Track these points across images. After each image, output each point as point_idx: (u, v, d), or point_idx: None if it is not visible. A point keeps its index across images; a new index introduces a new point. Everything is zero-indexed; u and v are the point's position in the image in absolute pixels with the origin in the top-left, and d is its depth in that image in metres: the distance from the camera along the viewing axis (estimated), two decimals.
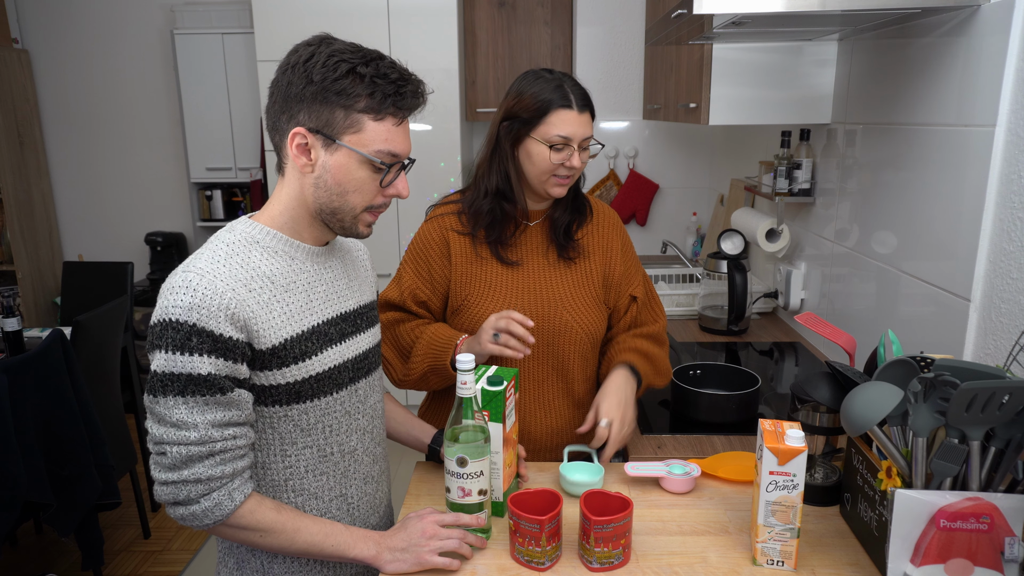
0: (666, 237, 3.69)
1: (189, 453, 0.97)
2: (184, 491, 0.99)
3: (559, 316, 1.46)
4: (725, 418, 1.61)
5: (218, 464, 0.99)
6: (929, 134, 1.51)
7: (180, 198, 4.29)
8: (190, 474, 0.98)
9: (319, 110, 1.00)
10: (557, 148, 1.37)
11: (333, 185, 1.04)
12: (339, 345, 1.12)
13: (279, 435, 1.07)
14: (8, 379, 2.10)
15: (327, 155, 1.03)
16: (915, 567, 0.98)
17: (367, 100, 1.01)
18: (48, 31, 4.10)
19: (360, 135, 1.02)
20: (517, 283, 1.46)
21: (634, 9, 3.52)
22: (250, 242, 1.05)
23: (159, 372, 0.97)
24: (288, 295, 1.06)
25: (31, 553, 2.83)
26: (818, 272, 2.15)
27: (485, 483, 1.14)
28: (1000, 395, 0.93)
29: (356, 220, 1.08)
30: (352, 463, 1.16)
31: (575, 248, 1.49)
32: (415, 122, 3.81)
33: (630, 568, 1.10)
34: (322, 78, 0.99)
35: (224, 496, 1.00)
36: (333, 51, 1.01)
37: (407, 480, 3.27)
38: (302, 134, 1.01)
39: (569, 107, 1.36)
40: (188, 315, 0.95)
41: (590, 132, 1.39)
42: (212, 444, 0.98)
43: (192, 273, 0.98)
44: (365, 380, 1.18)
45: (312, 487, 1.11)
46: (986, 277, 1.34)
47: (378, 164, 1.04)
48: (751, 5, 1.34)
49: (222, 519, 1.00)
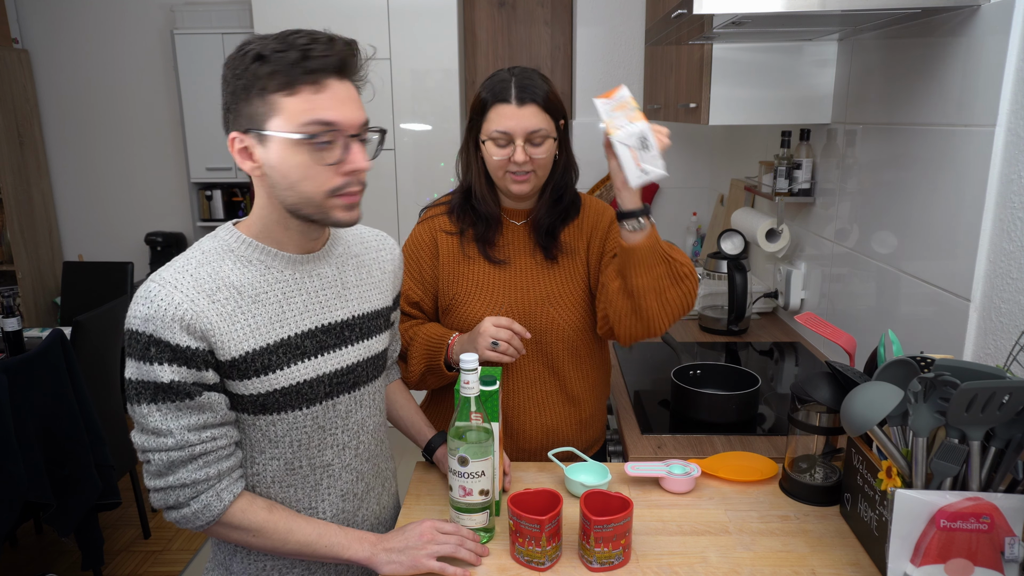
0: (666, 237, 3.65)
1: (171, 459, 0.98)
2: (173, 496, 0.99)
3: (546, 314, 1.45)
4: (725, 418, 1.61)
5: (202, 467, 0.99)
6: (929, 134, 1.51)
7: (180, 198, 4.29)
8: (176, 479, 0.98)
9: (242, 108, 0.96)
10: (499, 144, 1.35)
11: (281, 180, 0.97)
12: (314, 359, 1.07)
13: (249, 441, 1.07)
14: (8, 379, 2.10)
15: (265, 151, 0.97)
16: (915, 567, 0.98)
17: (275, 78, 0.92)
18: (48, 31, 4.10)
19: (280, 117, 0.94)
20: (504, 282, 1.46)
21: (634, 9, 3.52)
22: (225, 251, 1.03)
23: (131, 379, 0.98)
24: (256, 306, 1.02)
25: (31, 553, 2.83)
26: (818, 272, 2.15)
27: (487, 483, 1.14)
28: (1000, 395, 0.93)
29: (324, 209, 0.99)
30: (325, 478, 1.12)
31: (558, 247, 1.47)
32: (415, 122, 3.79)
33: (630, 568, 1.10)
34: (234, 75, 0.95)
35: (212, 497, 1.00)
36: (244, 43, 0.96)
37: (407, 480, 3.27)
38: (238, 138, 0.98)
39: (506, 101, 1.34)
40: (144, 326, 0.95)
41: (536, 126, 1.34)
42: (191, 448, 0.98)
43: (155, 283, 0.97)
44: (349, 395, 1.12)
45: (279, 497, 1.10)
46: (986, 277, 1.34)
47: (312, 141, 0.94)
48: (751, 5, 1.34)
49: (214, 520, 1.01)
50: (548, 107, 1.36)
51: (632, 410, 1.71)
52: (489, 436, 1.13)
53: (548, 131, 1.37)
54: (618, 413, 1.71)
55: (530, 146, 1.35)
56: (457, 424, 1.12)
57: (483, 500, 1.14)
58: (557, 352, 1.47)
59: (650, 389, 1.83)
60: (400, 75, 3.47)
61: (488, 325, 1.32)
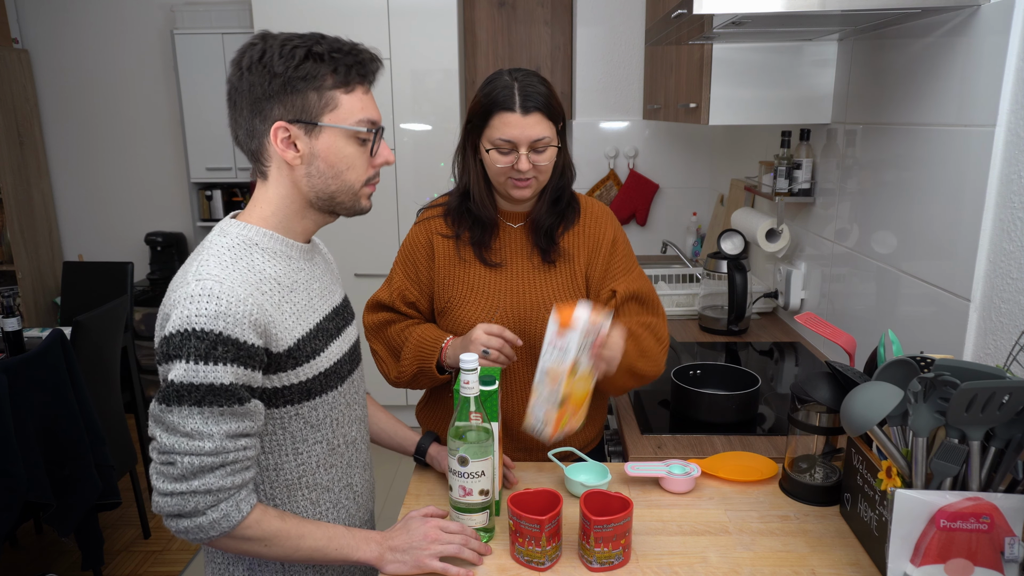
0: (666, 237, 3.69)
1: (201, 464, 0.95)
2: (192, 502, 0.96)
3: (542, 318, 1.41)
4: (725, 418, 1.61)
5: (228, 475, 0.98)
6: (929, 134, 1.51)
7: (180, 198, 4.29)
8: (200, 484, 0.96)
9: (292, 100, 1.00)
10: (503, 151, 1.35)
11: (326, 169, 1.04)
12: (337, 339, 1.14)
13: (290, 434, 1.08)
14: (8, 379, 2.10)
15: (312, 141, 1.02)
16: (915, 567, 0.98)
17: (333, 76, 1.01)
18: (48, 31, 4.10)
19: (338, 111, 1.02)
20: (500, 285, 1.45)
21: (634, 9, 3.52)
22: (248, 244, 1.04)
23: (177, 382, 0.94)
24: (293, 295, 1.06)
25: (31, 553, 2.83)
26: (818, 272, 2.15)
27: (487, 483, 1.14)
28: (1000, 395, 0.93)
29: (357, 196, 1.09)
30: (355, 453, 1.19)
31: (556, 251, 1.46)
32: (415, 122, 3.80)
33: (630, 568, 1.10)
34: (284, 68, 0.98)
35: (232, 507, 0.99)
36: (283, 41, 1.01)
37: (407, 480, 3.27)
38: (283, 127, 1.01)
39: (511, 110, 1.32)
40: (214, 324, 0.94)
41: (540, 134, 1.33)
42: (225, 455, 0.97)
43: (210, 281, 0.96)
44: (357, 371, 1.21)
45: (324, 480, 1.13)
46: (986, 277, 1.34)
47: (363, 134, 1.05)
48: (751, 5, 1.34)
49: (228, 531, 0.99)
50: (551, 114, 1.35)
51: (632, 410, 1.71)
52: (489, 436, 1.13)
53: (551, 138, 1.36)
54: (618, 413, 1.71)
55: (533, 153, 1.35)
56: (457, 424, 1.12)
57: (483, 500, 1.14)
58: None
59: (650, 389, 1.83)
60: (400, 75, 3.47)
61: (479, 333, 1.32)
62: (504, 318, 1.43)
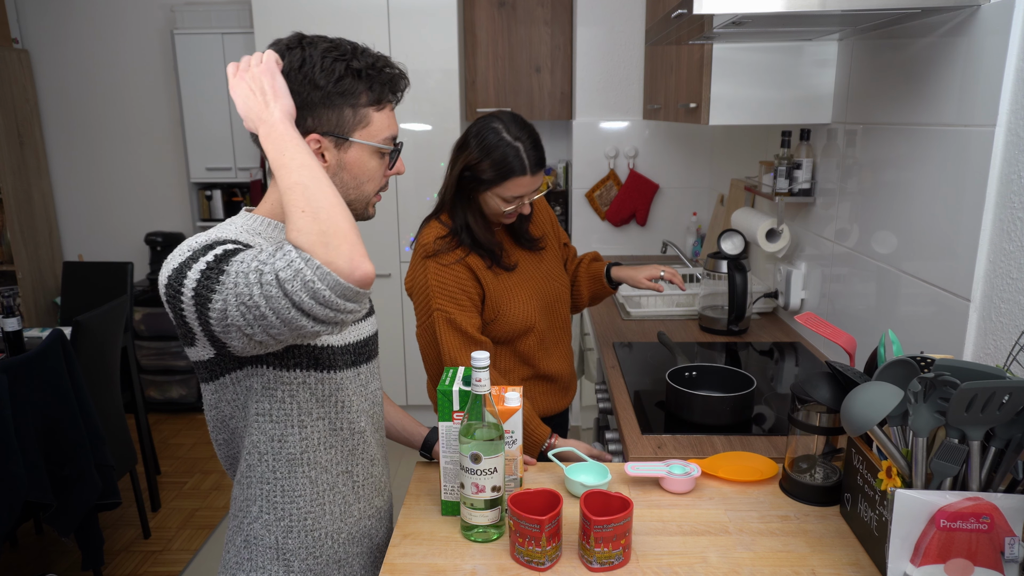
0: (666, 237, 3.69)
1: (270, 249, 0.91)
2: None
3: (557, 291, 1.78)
4: (720, 420, 1.61)
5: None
6: (929, 134, 1.51)
7: (180, 198, 4.29)
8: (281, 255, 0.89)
9: (328, 114, 1.04)
10: (510, 202, 1.58)
11: (350, 180, 1.09)
12: (357, 323, 1.17)
13: (297, 404, 1.09)
14: (8, 379, 2.10)
15: (341, 154, 1.07)
16: (915, 567, 0.98)
17: (368, 94, 1.06)
18: (48, 31, 4.10)
19: (368, 128, 1.07)
20: (525, 279, 1.71)
21: (634, 9, 3.52)
22: (252, 233, 1.06)
23: (202, 271, 0.91)
24: None
25: (31, 553, 2.84)
26: (818, 272, 2.15)
27: (499, 480, 1.15)
28: (1000, 395, 0.93)
29: (368, 205, 1.15)
30: (360, 443, 1.19)
31: (542, 240, 1.78)
32: (415, 122, 3.82)
33: (630, 568, 1.10)
34: (326, 82, 1.02)
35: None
36: (324, 51, 1.03)
37: (407, 480, 3.27)
38: (316, 139, 1.04)
39: (525, 174, 1.54)
40: (237, 235, 1.01)
41: (541, 182, 1.60)
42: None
43: (212, 232, 1.01)
44: (366, 365, 1.21)
45: (323, 460, 1.13)
46: (986, 277, 1.34)
47: (390, 151, 1.11)
48: (751, 5, 1.34)
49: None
50: (544, 166, 1.60)
51: (632, 410, 1.71)
52: (500, 433, 1.13)
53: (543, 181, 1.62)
54: (618, 413, 1.71)
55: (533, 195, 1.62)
56: (469, 421, 1.12)
57: (494, 496, 1.15)
58: (566, 316, 1.82)
59: (650, 389, 1.83)
60: None
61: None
62: (541, 300, 1.72)
